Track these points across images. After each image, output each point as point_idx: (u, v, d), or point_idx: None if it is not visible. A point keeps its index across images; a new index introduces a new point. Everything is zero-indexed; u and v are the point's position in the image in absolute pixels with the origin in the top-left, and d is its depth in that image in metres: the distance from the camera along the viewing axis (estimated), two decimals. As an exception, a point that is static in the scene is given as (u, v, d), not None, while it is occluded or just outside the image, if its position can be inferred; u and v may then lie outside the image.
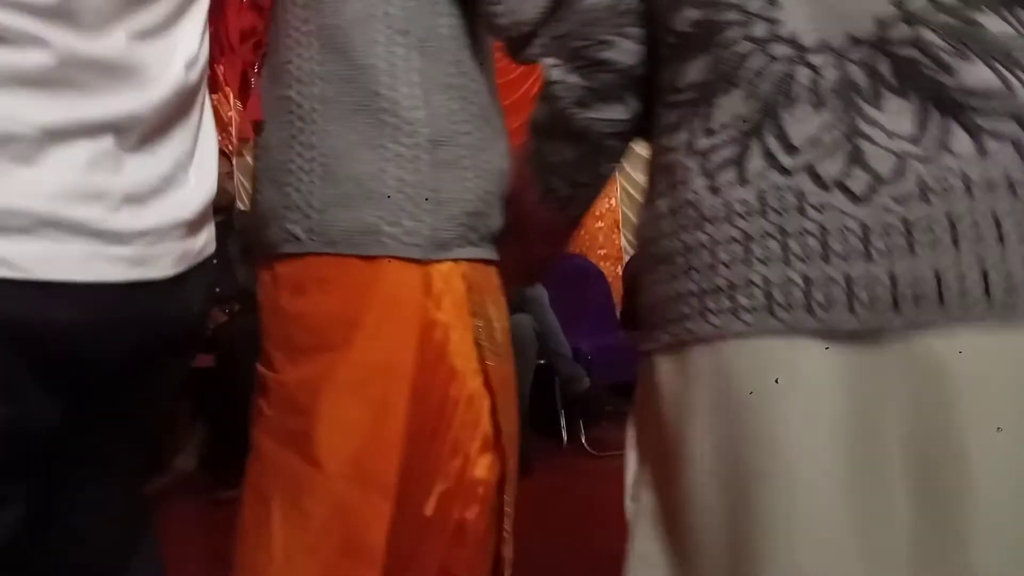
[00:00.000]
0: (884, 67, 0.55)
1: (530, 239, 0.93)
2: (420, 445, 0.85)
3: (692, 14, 0.62)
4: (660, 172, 0.66)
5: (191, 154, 0.72)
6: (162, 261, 0.66)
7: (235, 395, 2.81)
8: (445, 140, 0.87)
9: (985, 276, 0.51)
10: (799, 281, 0.54)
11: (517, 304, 3.08)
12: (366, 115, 0.85)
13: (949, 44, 0.54)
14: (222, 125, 3.80)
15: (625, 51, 0.67)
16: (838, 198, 0.54)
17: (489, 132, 0.92)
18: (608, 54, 0.67)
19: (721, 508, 0.58)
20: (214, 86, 0.87)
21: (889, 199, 0.53)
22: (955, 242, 0.52)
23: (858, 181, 0.54)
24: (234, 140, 3.82)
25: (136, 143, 0.65)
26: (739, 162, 0.58)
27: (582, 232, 4.40)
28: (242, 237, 3.25)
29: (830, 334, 0.54)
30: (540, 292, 3.10)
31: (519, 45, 0.88)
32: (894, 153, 0.53)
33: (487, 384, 0.89)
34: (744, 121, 0.58)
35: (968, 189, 0.52)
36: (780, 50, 0.57)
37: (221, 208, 3.22)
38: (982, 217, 0.52)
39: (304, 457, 0.82)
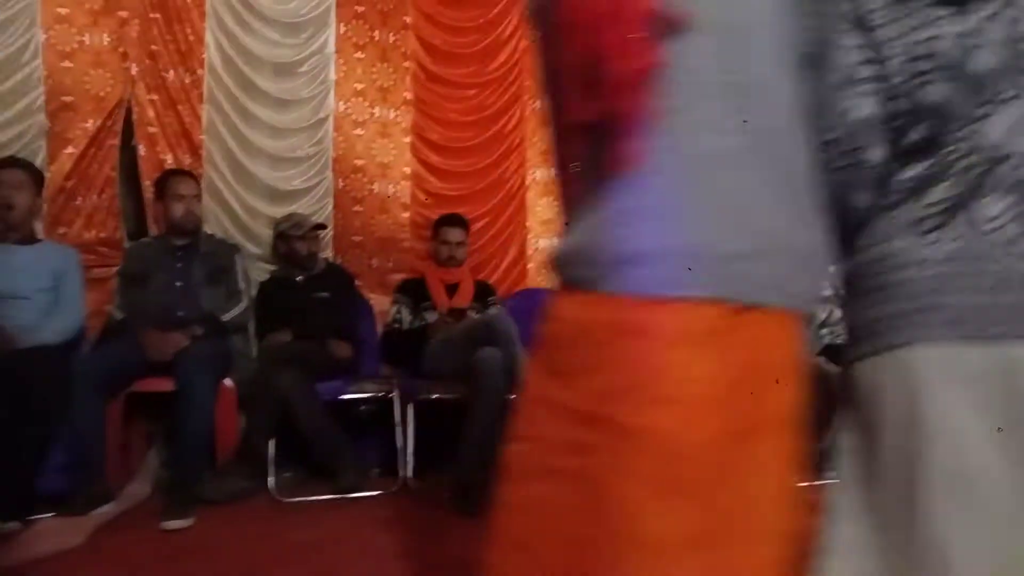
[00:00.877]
0: None
1: None
2: None
3: (920, 131, 0.87)
4: (867, 232, 0.91)
5: None
6: None
7: (193, 421, 2.73)
8: None
9: None
10: (975, 305, 0.83)
11: (486, 338, 3.04)
12: None
13: None
14: (192, 148, 3.75)
15: (877, 152, 0.89)
16: (1010, 254, 0.83)
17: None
18: (864, 155, 0.89)
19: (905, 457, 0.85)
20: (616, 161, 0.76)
21: None
22: None
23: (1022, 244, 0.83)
24: (203, 163, 3.76)
25: None
26: (942, 229, 0.85)
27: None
28: (208, 260, 3.19)
29: (993, 341, 0.82)
30: (509, 326, 3.07)
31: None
32: None
33: None
34: (949, 201, 0.85)
35: None
36: (984, 156, 0.84)
37: (188, 231, 3.17)
38: None
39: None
